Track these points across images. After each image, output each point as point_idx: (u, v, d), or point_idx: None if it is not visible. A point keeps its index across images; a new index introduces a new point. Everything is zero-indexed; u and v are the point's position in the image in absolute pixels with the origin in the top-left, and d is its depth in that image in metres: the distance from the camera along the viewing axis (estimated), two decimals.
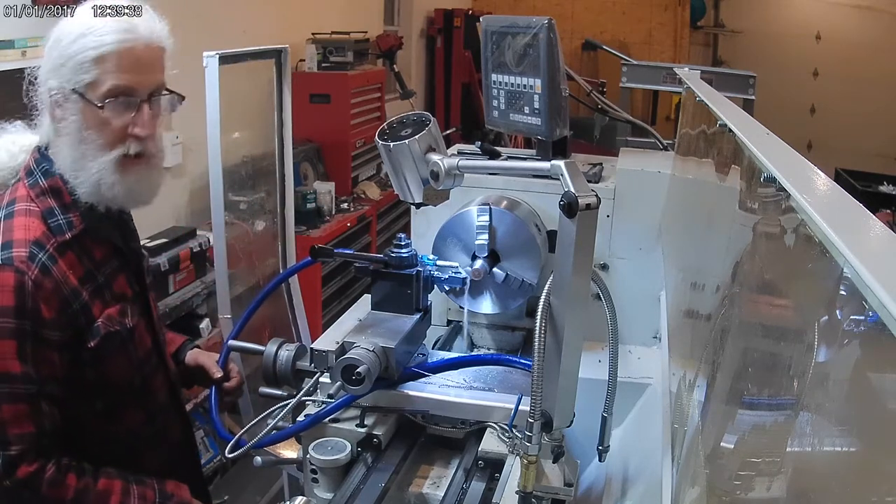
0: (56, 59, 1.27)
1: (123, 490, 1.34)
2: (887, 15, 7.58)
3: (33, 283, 1.23)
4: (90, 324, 1.31)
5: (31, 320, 1.23)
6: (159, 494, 1.39)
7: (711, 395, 1.03)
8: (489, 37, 2.07)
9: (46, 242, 1.27)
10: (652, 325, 2.00)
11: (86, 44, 1.25)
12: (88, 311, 1.31)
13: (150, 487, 1.38)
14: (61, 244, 1.29)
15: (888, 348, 0.46)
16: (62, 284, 1.27)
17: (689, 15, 8.43)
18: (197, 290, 3.00)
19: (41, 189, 1.32)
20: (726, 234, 1.13)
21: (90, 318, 1.31)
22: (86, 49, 1.25)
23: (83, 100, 1.27)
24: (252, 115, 2.60)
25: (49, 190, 1.32)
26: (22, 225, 1.27)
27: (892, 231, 0.59)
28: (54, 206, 1.31)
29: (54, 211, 1.30)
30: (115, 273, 1.39)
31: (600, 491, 1.70)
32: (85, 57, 1.25)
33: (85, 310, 1.31)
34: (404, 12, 6.70)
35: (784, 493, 0.66)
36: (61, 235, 1.29)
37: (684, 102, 2.21)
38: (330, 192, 4.17)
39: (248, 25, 4.02)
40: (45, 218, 1.29)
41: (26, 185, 1.33)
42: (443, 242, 1.84)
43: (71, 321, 1.29)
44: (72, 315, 1.29)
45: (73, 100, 1.27)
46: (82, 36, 1.25)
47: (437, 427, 1.56)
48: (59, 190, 1.32)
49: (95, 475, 1.32)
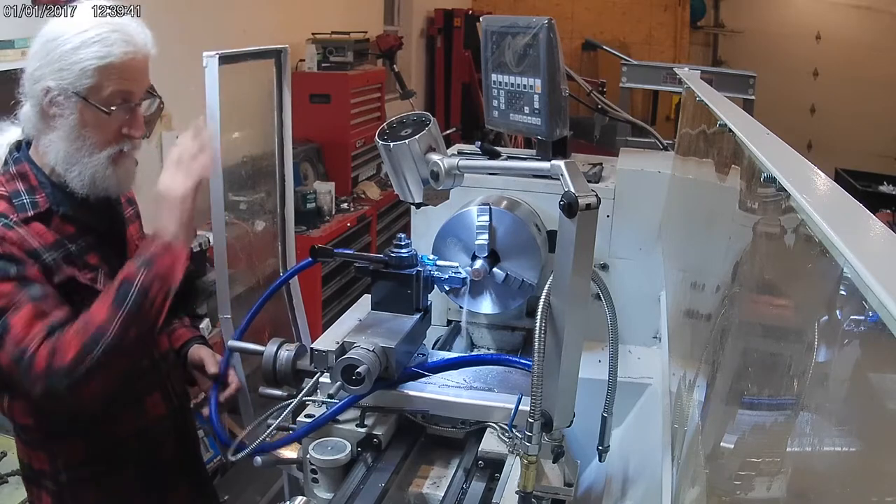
0: (56, 62, 1.33)
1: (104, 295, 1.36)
2: (887, 15, 7.58)
3: None
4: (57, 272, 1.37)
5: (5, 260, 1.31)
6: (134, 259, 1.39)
7: (711, 395, 1.03)
8: (489, 37, 2.07)
9: (10, 214, 1.35)
10: (652, 325, 2.00)
11: (91, 53, 1.33)
12: (60, 268, 1.37)
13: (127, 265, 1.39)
14: (23, 219, 1.36)
15: (888, 348, 0.46)
16: (27, 239, 1.34)
17: (689, 15, 8.43)
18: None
19: (10, 175, 1.41)
20: (726, 235, 1.13)
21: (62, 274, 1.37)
22: (91, 58, 1.33)
23: (85, 102, 1.35)
24: (252, 115, 2.60)
25: (17, 175, 1.41)
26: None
27: (892, 231, 0.59)
28: (21, 189, 1.39)
29: (20, 193, 1.39)
30: (90, 247, 1.44)
31: (600, 491, 1.70)
32: (90, 65, 1.33)
33: (55, 264, 1.37)
34: (404, 12, 6.70)
35: (784, 493, 0.66)
36: (23, 212, 1.37)
37: (684, 102, 2.21)
38: (330, 192, 4.17)
39: (248, 25, 4.02)
40: (10, 199, 1.38)
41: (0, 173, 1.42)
42: (443, 242, 1.84)
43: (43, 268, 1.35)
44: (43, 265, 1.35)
45: (71, 101, 1.35)
46: (87, 44, 1.33)
47: (437, 427, 1.56)
48: (25, 174, 1.41)
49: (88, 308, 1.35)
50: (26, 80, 1.37)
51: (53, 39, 1.34)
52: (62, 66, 1.33)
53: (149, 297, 1.36)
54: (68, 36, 1.33)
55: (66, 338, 1.30)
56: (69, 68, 1.33)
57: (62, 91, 1.34)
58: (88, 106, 1.35)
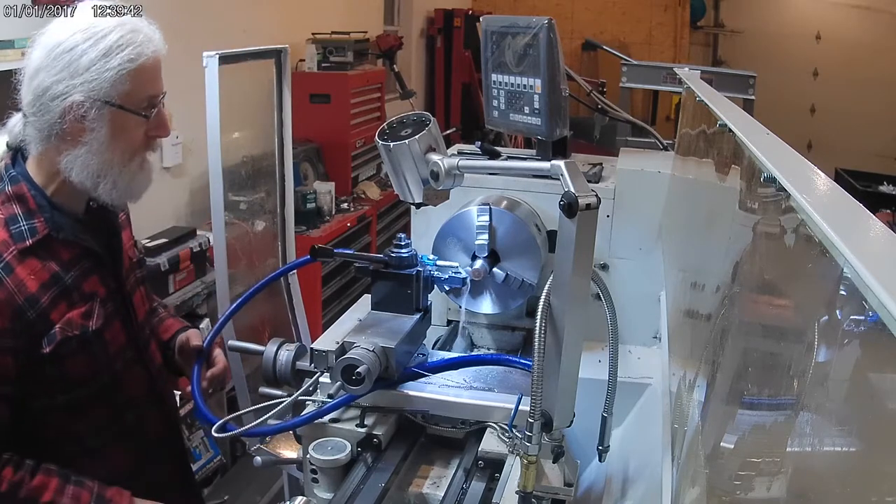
0: (83, 73, 1.27)
1: (58, 488, 1.33)
2: (887, 15, 7.58)
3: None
4: (48, 330, 1.32)
5: None
6: (96, 497, 1.35)
7: (711, 395, 1.03)
8: (489, 37, 2.07)
9: (4, 251, 1.29)
10: (652, 325, 2.00)
11: (123, 57, 1.27)
12: (46, 318, 1.32)
13: (87, 490, 1.35)
14: (21, 251, 1.30)
15: (888, 348, 0.46)
16: (15, 294, 1.28)
17: (689, 15, 8.43)
18: (197, 290, 3.00)
19: (6, 196, 1.33)
20: (726, 235, 1.13)
21: (48, 324, 1.32)
22: (123, 62, 1.28)
23: (119, 110, 1.30)
24: (252, 115, 2.60)
25: (14, 196, 1.33)
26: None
27: (892, 231, 0.59)
28: (18, 213, 1.32)
29: (17, 218, 1.32)
30: (86, 273, 1.39)
31: (600, 491, 1.70)
32: (124, 69, 1.28)
33: (43, 316, 1.31)
34: (404, 12, 6.70)
35: (784, 493, 0.66)
36: (22, 243, 1.31)
37: (684, 102, 2.21)
38: (330, 192, 4.17)
39: (248, 25, 4.02)
40: (7, 225, 1.31)
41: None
42: (443, 242, 1.84)
43: (26, 329, 1.30)
44: (27, 323, 1.30)
45: (103, 111, 1.29)
46: (115, 50, 1.27)
47: (437, 427, 1.56)
48: (23, 196, 1.33)
49: (34, 471, 1.32)
50: (35, 97, 1.29)
51: (70, 49, 1.26)
52: (91, 76, 1.26)
53: None
54: (88, 43, 1.27)
55: (6, 474, 1.28)
56: (100, 77, 1.27)
57: (94, 103, 1.28)
58: (123, 114, 1.31)
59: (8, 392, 1.31)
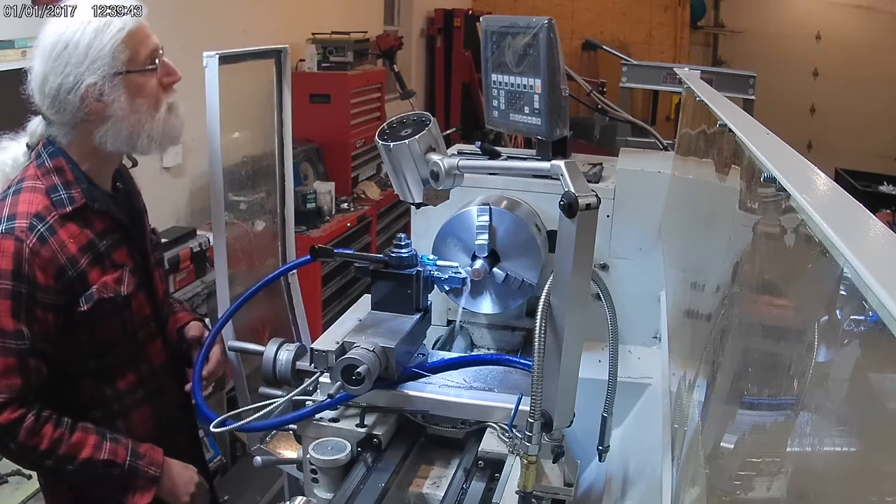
0: (84, 59, 1.38)
1: (96, 444, 1.46)
2: (887, 15, 7.58)
3: (30, 251, 1.37)
4: (85, 290, 1.45)
5: (26, 283, 1.37)
6: (131, 453, 1.49)
7: (711, 395, 1.02)
8: (489, 37, 2.07)
9: (47, 215, 1.41)
10: (652, 325, 2.00)
11: (111, 31, 1.40)
12: (85, 278, 1.44)
13: (122, 445, 1.49)
14: (62, 216, 1.43)
15: (888, 348, 0.46)
16: (59, 253, 1.41)
17: (689, 15, 8.43)
18: (197, 290, 3.01)
19: (46, 168, 1.45)
20: (726, 234, 1.13)
21: (86, 284, 1.45)
22: (113, 35, 1.40)
23: (127, 75, 1.43)
24: (252, 115, 2.60)
25: (53, 169, 1.45)
26: (26, 200, 1.42)
27: (892, 231, 0.59)
28: (58, 182, 1.45)
29: (57, 187, 1.44)
30: (117, 244, 1.52)
31: (600, 491, 1.70)
32: (117, 40, 1.40)
33: (81, 277, 1.44)
34: (404, 12, 6.70)
35: (784, 493, 0.66)
36: (62, 208, 1.43)
37: (684, 102, 2.21)
38: (330, 192, 4.17)
39: (248, 25, 4.02)
40: (48, 193, 1.43)
41: (34, 165, 1.47)
42: (443, 242, 1.84)
43: (67, 287, 1.42)
44: (68, 281, 1.42)
45: (116, 82, 1.41)
46: (102, 29, 1.39)
47: (437, 427, 1.56)
48: (62, 169, 1.46)
49: (72, 427, 1.45)
50: (52, 100, 1.41)
51: (66, 45, 1.38)
52: (93, 57, 1.38)
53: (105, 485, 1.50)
54: (79, 33, 1.38)
55: (44, 430, 1.40)
56: (100, 55, 1.39)
57: (104, 78, 1.40)
58: (132, 76, 1.43)
59: (48, 350, 1.42)
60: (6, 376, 1.37)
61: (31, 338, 1.38)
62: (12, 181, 1.47)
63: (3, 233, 1.38)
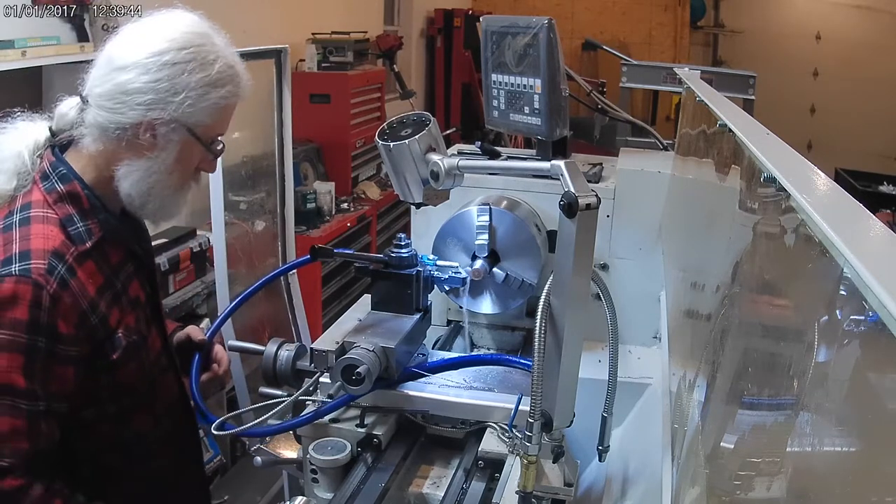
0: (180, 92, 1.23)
1: None
2: (887, 15, 7.58)
3: (51, 298, 1.17)
4: (109, 335, 1.28)
5: (45, 336, 1.18)
6: None
7: (711, 395, 1.03)
8: (489, 37, 2.07)
9: (66, 252, 1.22)
10: (652, 325, 2.00)
11: (223, 93, 1.27)
12: (106, 322, 1.27)
13: None
14: (81, 253, 1.24)
15: (888, 348, 0.46)
16: (80, 298, 1.22)
17: (689, 15, 8.43)
18: (197, 290, 3.00)
19: (59, 194, 1.26)
20: (726, 235, 1.13)
21: (108, 329, 1.28)
22: (221, 98, 1.27)
23: (193, 138, 1.28)
24: (252, 115, 2.60)
25: (67, 195, 1.26)
26: (40, 233, 1.22)
27: (892, 231, 0.59)
28: (73, 213, 1.26)
29: (73, 218, 1.26)
30: (130, 278, 1.36)
31: (600, 491, 1.70)
32: (218, 105, 1.27)
33: (103, 321, 1.27)
34: (404, 12, 6.70)
35: (784, 493, 0.66)
36: (81, 245, 1.25)
37: (684, 102, 2.21)
38: (330, 192, 4.17)
39: (248, 25, 4.02)
40: (63, 226, 1.24)
41: (42, 189, 1.26)
42: (443, 242, 1.84)
43: (89, 335, 1.24)
44: (90, 329, 1.24)
45: (178, 136, 1.27)
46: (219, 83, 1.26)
47: (437, 427, 1.56)
48: (77, 196, 1.27)
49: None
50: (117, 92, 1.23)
51: (175, 64, 1.22)
52: (190, 99, 1.24)
53: None
54: (194, 65, 1.24)
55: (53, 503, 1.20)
56: (196, 103, 1.24)
57: (173, 124, 1.25)
58: (194, 143, 1.29)
59: (63, 410, 1.23)
60: (13, 439, 1.16)
61: (45, 398, 1.19)
62: (13, 204, 1.26)
63: (18, 275, 1.16)
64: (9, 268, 1.17)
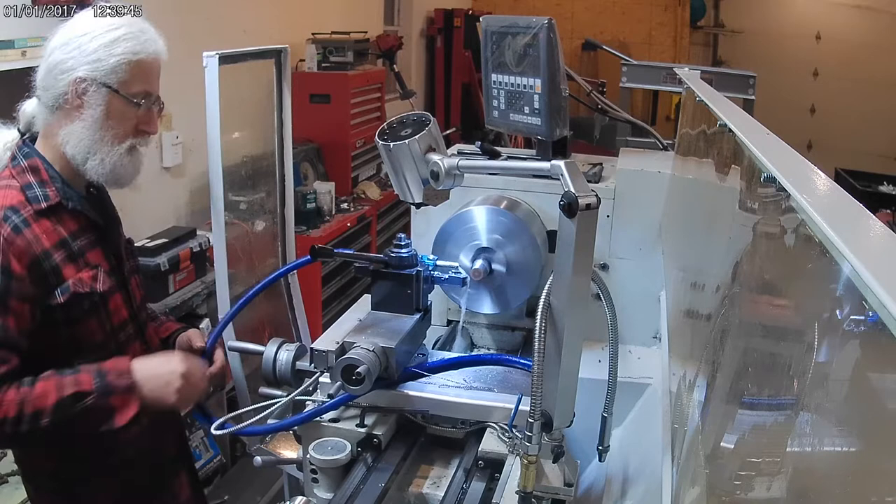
0: (90, 54, 1.41)
1: (58, 385, 1.38)
2: (887, 15, 7.58)
3: (4, 240, 1.36)
4: (60, 283, 1.43)
5: (1, 273, 1.35)
6: (96, 374, 1.41)
7: (711, 395, 1.02)
8: (489, 37, 2.07)
9: (21, 209, 1.41)
10: (652, 325, 2.00)
11: (127, 48, 1.43)
12: (59, 273, 1.43)
13: (85, 372, 1.42)
14: (37, 212, 1.42)
15: (888, 348, 0.46)
16: (33, 244, 1.39)
17: (689, 15, 8.43)
18: (197, 290, 3.00)
19: (21, 168, 1.46)
20: (726, 235, 1.13)
21: (60, 279, 1.43)
22: (126, 53, 1.43)
23: (114, 94, 1.44)
24: (252, 115, 2.60)
25: (28, 168, 1.46)
26: (0, 195, 1.41)
27: (892, 231, 0.59)
28: (32, 181, 1.45)
29: (32, 185, 1.45)
30: (91, 245, 1.50)
31: (600, 491, 1.70)
32: (124, 59, 1.43)
33: (55, 271, 1.42)
34: (404, 12, 6.70)
35: (784, 493, 0.66)
36: (37, 204, 1.43)
37: (684, 102, 2.21)
38: (330, 192, 4.17)
39: (248, 25, 4.02)
40: (23, 190, 1.43)
41: (10, 166, 1.48)
42: (443, 242, 1.84)
43: (41, 278, 1.40)
44: (42, 273, 1.40)
45: (101, 92, 1.43)
46: (121, 40, 1.43)
47: (437, 427, 1.56)
48: (37, 168, 1.46)
49: (32, 382, 1.38)
50: (48, 72, 1.43)
51: (84, 34, 1.42)
52: (97, 57, 1.41)
53: (88, 419, 1.40)
54: (100, 31, 1.42)
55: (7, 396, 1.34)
56: (104, 60, 1.41)
57: (94, 82, 1.42)
58: (117, 98, 1.44)
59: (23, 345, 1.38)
60: None
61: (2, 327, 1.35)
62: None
63: None
64: None
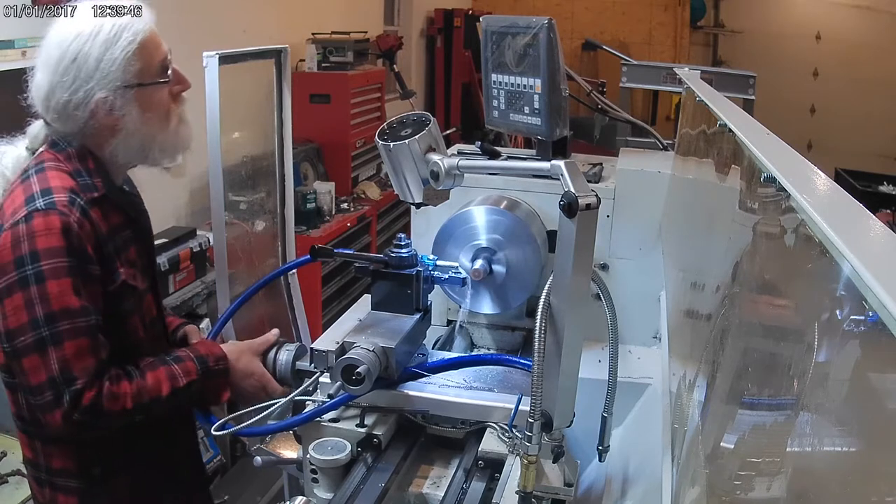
0: (94, 72, 1.34)
1: (170, 375, 1.42)
2: (887, 15, 7.58)
3: (77, 223, 1.32)
4: (114, 270, 1.40)
5: (78, 258, 1.32)
6: (198, 361, 1.47)
7: (711, 395, 1.02)
8: (489, 37, 2.07)
9: (80, 194, 1.36)
10: (652, 325, 2.00)
11: (123, 42, 1.35)
12: (113, 260, 1.40)
13: (187, 360, 1.47)
14: (89, 200, 1.37)
15: (888, 348, 0.46)
16: (97, 227, 1.36)
17: (689, 15, 8.43)
18: (197, 290, 3.00)
19: (68, 154, 1.40)
20: (726, 235, 1.13)
21: (114, 264, 1.40)
22: (125, 46, 1.35)
23: (140, 88, 1.38)
24: (252, 115, 2.60)
25: (76, 155, 1.40)
26: (56, 176, 1.36)
27: (892, 231, 0.59)
28: (81, 168, 1.40)
29: (81, 172, 1.39)
30: (128, 242, 1.47)
31: (600, 491, 1.70)
32: (129, 51, 1.35)
33: (110, 257, 1.40)
34: (404, 12, 6.70)
35: (784, 493, 0.66)
36: (89, 193, 1.38)
37: (684, 102, 2.21)
38: (330, 192, 4.17)
39: (248, 25, 4.02)
40: (73, 176, 1.38)
41: (52, 151, 1.41)
42: (443, 242, 1.84)
43: (104, 260, 1.38)
44: (105, 255, 1.38)
45: (128, 95, 1.37)
46: (113, 40, 1.34)
47: (437, 427, 1.56)
48: (85, 155, 1.41)
49: (142, 373, 1.40)
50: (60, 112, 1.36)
51: (74, 59, 1.33)
52: (104, 71, 1.34)
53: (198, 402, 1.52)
54: (87, 45, 1.33)
55: (122, 388, 1.36)
56: (111, 68, 1.34)
57: (115, 91, 1.36)
58: (144, 89, 1.39)
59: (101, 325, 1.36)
60: (80, 359, 1.31)
61: (95, 312, 1.33)
62: (26, 168, 1.40)
63: (45, 209, 1.31)
64: (34, 204, 1.31)
